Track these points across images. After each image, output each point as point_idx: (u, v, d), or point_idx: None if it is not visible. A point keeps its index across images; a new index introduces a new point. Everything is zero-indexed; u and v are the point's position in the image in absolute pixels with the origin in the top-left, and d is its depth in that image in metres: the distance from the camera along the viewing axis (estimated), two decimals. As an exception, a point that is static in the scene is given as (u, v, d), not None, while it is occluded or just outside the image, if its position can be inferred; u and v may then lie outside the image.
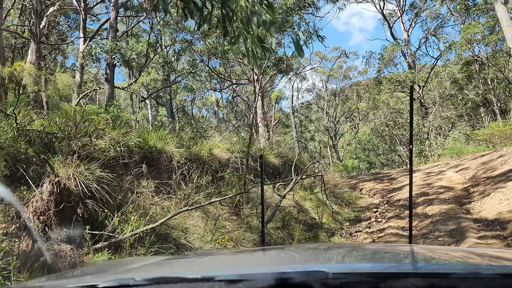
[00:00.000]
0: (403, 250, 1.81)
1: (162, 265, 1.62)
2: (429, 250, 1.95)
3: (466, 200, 9.25)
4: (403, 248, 1.94)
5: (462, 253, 1.72)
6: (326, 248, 2.06)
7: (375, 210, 10.42)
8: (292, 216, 9.09)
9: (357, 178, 17.35)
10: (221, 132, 10.68)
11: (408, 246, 2.16)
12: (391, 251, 1.75)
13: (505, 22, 12.88)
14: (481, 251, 1.80)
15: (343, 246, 2.46)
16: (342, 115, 40.55)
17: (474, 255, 1.59)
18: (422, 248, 2.14)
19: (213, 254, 2.16)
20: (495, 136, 15.93)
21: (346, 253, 1.72)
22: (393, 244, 5.55)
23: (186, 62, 26.89)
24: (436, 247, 4.33)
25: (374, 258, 1.57)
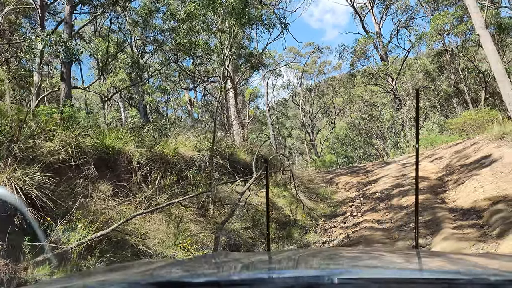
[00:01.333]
0: (409, 255, 1.80)
1: (167, 269, 1.61)
2: (435, 255, 1.92)
3: (441, 189, 9.07)
4: (409, 254, 1.90)
5: (469, 258, 1.71)
6: (331, 253, 2.06)
7: (350, 204, 10.15)
8: (264, 214, 8.72)
9: (333, 172, 17.15)
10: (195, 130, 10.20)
11: (414, 251, 2.12)
12: (397, 257, 1.74)
13: (473, 9, 12.84)
14: (486, 255, 1.87)
15: (349, 251, 2.42)
16: (318, 111, 40.49)
17: (481, 259, 1.60)
18: (428, 254, 2.13)
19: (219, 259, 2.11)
20: (467, 125, 15.96)
21: (351, 258, 1.69)
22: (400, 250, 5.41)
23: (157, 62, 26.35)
24: (442, 252, 4.33)
25: (380, 264, 1.55)
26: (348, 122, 35.63)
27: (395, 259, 1.64)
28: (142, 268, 1.67)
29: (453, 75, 26.39)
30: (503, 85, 12.22)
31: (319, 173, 17.92)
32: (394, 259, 1.66)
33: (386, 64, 26.18)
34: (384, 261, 1.61)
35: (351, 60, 27.83)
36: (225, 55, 15.32)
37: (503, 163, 8.48)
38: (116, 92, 18.03)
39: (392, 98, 26.98)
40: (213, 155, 7.72)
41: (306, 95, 38.64)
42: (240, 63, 17.04)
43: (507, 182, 7.30)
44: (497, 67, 12.25)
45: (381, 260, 1.64)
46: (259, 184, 10.11)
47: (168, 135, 8.19)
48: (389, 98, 28.81)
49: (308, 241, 7.51)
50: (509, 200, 6.46)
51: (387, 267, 1.47)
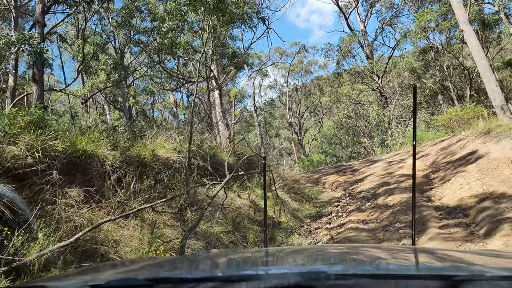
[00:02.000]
0: (406, 251, 1.82)
1: (164, 265, 1.60)
2: (432, 251, 1.96)
3: (427, 187, 8.89)
4: (406, 250, 1.94)
5: (464, 255, 1.73)
6: (328, 248, 2.10)
7: (336, 204, 9.94)
8: (247, 216, 8.46)
9: (320, 172, 16.95)
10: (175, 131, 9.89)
11: (411, 248, 2.14)
12: (394, 253, 1.75)
13: (456, 4, 12.73)
14: (482, 252, 1.87)
15: (346, 247, 2.45)
16: (306, 110, 40.35)
17: (477, 256, 1.61)
18: (424, 250, 2.16)
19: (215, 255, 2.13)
20: (453, 121, 15.89)
21: (348, 253, 1.71)
22: (397, 246, 5.60)
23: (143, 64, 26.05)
24: (439, 248, 4.40)
25: (376, 259, 1.55)
26: (335, 121, 35.54)
27: (392, 255, 1.66)
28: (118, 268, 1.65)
29: (439, 72, 26.44)
30: (488, 81, 12.13)
31: (306, 173, 17.72)
32: (391, 254, 1.68)
33: (372, 62, 26.11)
34: (381, 256, 1.62)
35: (337, 58, 27.72)
36: (207, 55, 15.03)
37: (489, 159, 8.33)
38: (95, 93, 17.57)
39: (378, 96, 26.93)
40: (190, 157, 7.42)
41: (293, 94, 38.49)
42: (224, 62, 16.73)
43: (493, 178, 7.14)
44: (481, 63, 12.15)
45: (378, 255, 1.66)
46: (242, 186, 9.85)
47: (144, 137, 7.85)
48: (375, 96, 28.77)
49: (292, 244, 7.26)
50: (496, 197, 6.29)
51: (383, 262, 1.47)
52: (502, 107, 11.85)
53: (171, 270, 1.47)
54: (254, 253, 2.04)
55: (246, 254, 1.98)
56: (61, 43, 32.07)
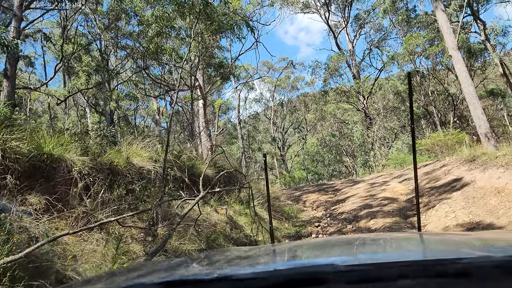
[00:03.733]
0: (413, 238, 1.81)
1: (175, 267, 1.57)
2: (438, 236, 1.93)
3: (410, 212, 8.63)
4: (413, 236, 1.91)
5: (472, 238, 1.71)
6: (337, 241, 2.08)
7: (317, 225, 9.59)
8: (223, 233, 8.04)
9: (302, 189, 16.64)
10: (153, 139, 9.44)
11: (417, 233, 2.13)
12: (401, 240, 1.75)
13: (446, 29, 12.74)
14: (490, 235, 1.84)
15: (354, 238, 2.35)
16: (290, 126, 40.24)
17: (485, 238, 1.59)
18: (430, 235, 2.08)
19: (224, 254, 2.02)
20: (436, 146, 15.84)
21: (357, 244, 1.69)
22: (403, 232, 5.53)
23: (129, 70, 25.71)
24: (444, 233, 4.30)
25: (384, 248, 1.55)
26: (319, 139, 35.48)
27: (399, 243, 1.65)
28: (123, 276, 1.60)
29: (423, 97, 26.67)
30: (474, 108, 12.09)
31: (287, 190, 17.38)
32: (398, 242, 1.67)
33: (358, 82, 26.19)
34: (388, 245, 1.61)
35: (324, 76, 27.72)
36: (192, 63, 14.69)
37: (475, 187, 8.13)
38: (71, 94, 16.99)
39: (363, 116, 26.94)
40: (167, 167, 6.98)
41: (278, 109, 38.36)
42: (210, 72, 16.40)
43: (480, 208, 6.91)
44: (468, 89, 12.13)
45: (385, 244, 1.65)
46: (220, 200, 9.43)
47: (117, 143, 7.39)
48: (360, 116, 28.81)
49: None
50: (483, 228, 6.04)
51: (391, 251, 1.47)
52: (487, 135, 11.79)
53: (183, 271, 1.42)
54: (260, 250, 2.03)
55: (254, 251, 1.95)
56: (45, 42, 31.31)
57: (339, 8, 28.73)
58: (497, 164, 8.39)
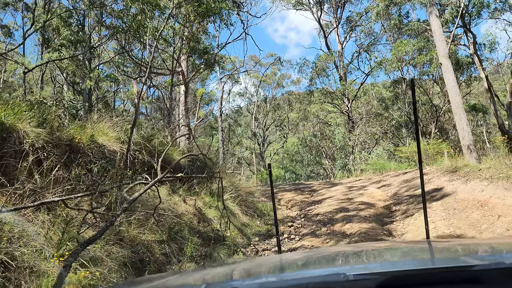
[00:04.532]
0: (421, 246, 1.78)
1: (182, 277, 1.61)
2: (447, 243, 1.91)
3: (388, 219, 8.27)
4: (420, 245, 1.90)
5: (480, 244, 1.69)
6: (345, 250, 2.02)
7: (290, 225, 9.14)
8: (189, 226, 7.50)
9: (278, 187, 16.20)
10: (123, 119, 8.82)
11: (425, 242, 1.96)
12: (411, 248, 1.74)
13: (439, 36, 12.47)
14: (499, 241, 1.86)
15: (362, 247, 2.28)
16: (272, 123, 39.83)
17: (495, 245, 1.56)
18: (439, 243, 2.03)
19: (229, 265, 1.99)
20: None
21: (365, 254, 1.68)
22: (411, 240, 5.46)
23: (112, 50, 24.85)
24: (453, 240, 4.28)
25: (393, 257, 1.53)
26: (300, 138, 35.18)
27: (407, 251, 1.64)
28: None
29: (407, 105, 26.61)
30: (459, 118, 11.86)
31: (263, 186, 16.92)
32: (406, 251, 1.66)
33: (345, 84, 25.92)
34: (397, 254, 1.60)
35: (311, 75, 27.34)
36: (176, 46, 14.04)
37: (456, 199, 7.82)
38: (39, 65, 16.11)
39: (346, 119, 26.72)
40: (131, 149, 6.40)
41: (262, 105, 37.88)
42: (193, 58, 15.75)
43: (461, 221, 6.57)
44: (455, 99, 11.89)
45: (394, 253, 1.64)
46: (190, 190, 8.88)
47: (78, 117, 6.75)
48: (343, 119, 28.61)
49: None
50: (464, 242, 5.67)
51: (400, 259, 1.46)
52: (470, 147, 11.58)
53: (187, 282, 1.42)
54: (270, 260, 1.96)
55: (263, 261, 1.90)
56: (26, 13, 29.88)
57: (331, 8, 28.42)
58: (481, 176, 8.10)
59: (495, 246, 1.55)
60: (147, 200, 7.10)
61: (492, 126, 39.28)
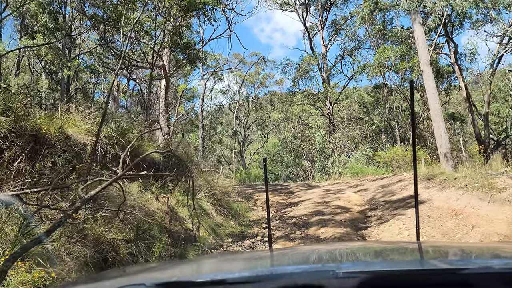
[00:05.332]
0: (412, 247, 1.76)
1: (171, 269, 1.59)
2: (437, 246, 1.94)
3: (363, 224, 8.21)
4: (411, 245, 1.87)
5: (472, 248, 1.70)
6: (335, 247, 2.05)
7: (264, 226, 9.00)
8: (160, 224, 7.27)
9: (255, 187, 16.06)
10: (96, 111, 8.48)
11: (416, 243, 1.90)
12: (401, 249, 1.73)
13: (421, 43, 12.53)
14: (491, 246, 1.93)
15: (353, 246, 2.30)
16: (253, 122, 39.68)
17: (485, 249, 1.60)
18: (429, 245, 2.10)
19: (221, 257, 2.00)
20: (395, 160, 15.72)
21: (355, 251, 1.70)
22: (402, 241, 5.47)
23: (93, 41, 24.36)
24: (445, 242, 4.22)
25: (383, 256, 1.54)
26: (281, 139, 35.12)
27: (398, 252, 1.62)
28: None
29: (387, 111, 26.85)
30: (438, 126, 11.94)
31: (240, 185, 16.75)
32: (397, 251, 1.65)
33: (327, 87, 25.96)
34: (387, 254, 1.59)
35: (294, 76, 27.31)
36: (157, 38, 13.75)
37: (431, 206, 7.81)
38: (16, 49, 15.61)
39: (327, 122, 26.78)
40: (100, 142, 6.13)
41: (244, 104, 37.69)
42: (175, 52, 15.45)
43: (435, 229, 6.54)
44: (435, 107, 11.96)
45: (384, 252, 1.63)
46: (163, 188, 8.63)
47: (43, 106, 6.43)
48: (324, 121, 28.68)
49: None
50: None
51: (390, 258, 1.46)
52: (446, 155, 11.66)
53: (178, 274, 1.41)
54: (259, 254, 1.93)
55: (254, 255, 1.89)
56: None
57: (317, 11, 28.42)
58: (456, 185, 8.11)
59: (484, 250, 1.55)
60: (116, 197, 6.84)
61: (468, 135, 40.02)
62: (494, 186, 6.77)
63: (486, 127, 21.68)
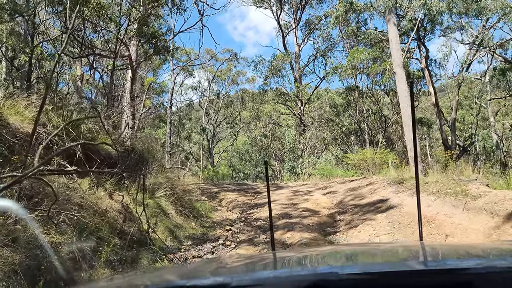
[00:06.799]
0: (414, 247, 1.76)
1: (172, 273, 1.56)
2: (440, 246, 1.96)
3: (331, 229, 7.81)
4: (414, 246, 1.88)
5: (475, 248, 1.67)
6: (338, 249, 2.04)
7: (228, 228, 8.46)
8: (111, 225, 6.61)
9: (222, 186, 15.50)
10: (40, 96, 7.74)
11: (418, 243, 1.90)
12: (403, 249, 1.72)
13: (395, 45, 12.33)
14: (493, 245, 1.89)
15: (355, 247, 2.28)
16: (223, 120, 39.02)
17: (487, 249, 1.59)
18: (432, 245, 2.07)
19: (222, 261, 1.95)
20: (364, 163, 15.52)
21: (358, 253, 1.68)
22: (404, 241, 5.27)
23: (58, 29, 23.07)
24: (447, 243, 4.13)
25: (386, 257, 1.52)
26: (250, 137, 34.66)
27: (402, 252, 1.62)
28: None
29: (358, 113, 26.85)
30: (408, 129, 11.76)
31: (206, 184, 16.15)
32: (400, 252, 1.64)
33: (299, 86, 25.66)
34: (390, 254, 1.58)
35: (266, 73, 26.86)
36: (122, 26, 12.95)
37: (402, 212, 7.50)
38: None
39: (297, 122, 26.50)
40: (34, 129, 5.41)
41: (214, 100, 36.96)
42: (142, 42, 14.64)
43: (407, 237, 6.20)
44: (406, 110, 11.78)
45: (387, 253, 1.62)
46: (119, 185, 7.94)
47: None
48: (295, 121, 28.42)
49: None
50: (409, 261, 5.25)
51: (393, 260, 1.45)
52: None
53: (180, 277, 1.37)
54: (261, 258, 1.93)
55: (255, 259, 1.89)
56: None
57: (292, 9, 28.08)
58: (427, 190, 7.84)
59: (487, 250, 1.54)
60: (63, 193, 6.14)
61: (434, 140, 40.85)
62: (468, 193, 6.51)
63: (453, 133, 21.96)
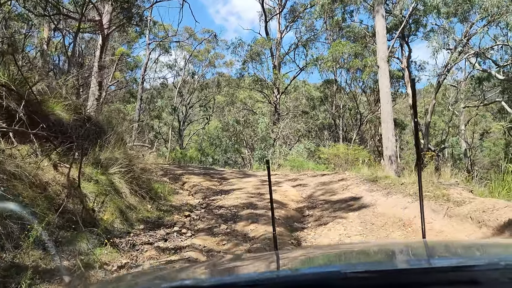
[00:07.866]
0: (419, 245, 1.73)
1: (182, 273, 1.57)
2: (443, 243, 1.91)
3: (299, 224, 7.22)
4: (418, 243, 1.88)
5: (479, 245, 1.67)
6: (342, 248, 2.04)
7: (187, 214, 7.73)
8: (53, 200, 5.77)
9: (187, 169, 14.71)
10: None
11: (422, 241, 1.91)
12: (407, 248, 1.70)
13: (381, 38, 11.83)
14: (496, 242, 2.04)
15: (359, 245, 2.31)
16: (197, 102, 37.95)
17: (491, 246, 1.58)
18: (435, 243, 2.02)
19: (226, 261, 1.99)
20: (337, 158, 15.08)
21: (362, 251, 1.67)
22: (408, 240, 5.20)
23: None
24: (451, 240, 4.13)
25: (390, 256, 1.50)
26: (223, 122, 33.85)
27: (406, 250, 1.59)
28: None
29: (334, 108, 26.50)
30: (387, 127, 11.33)
31: (170, 165, 15.33)
32: (404, 249, 1.62)
33: (277, 74, 24.99)
34: (394, 252, 1.56)
35: (244, 57, 26.02)
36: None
37: (375, 212, 6.99)
38: None
39: (272, 111, 25.90)
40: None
41: (189, 81, 35.81)
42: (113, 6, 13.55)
43: (380, 239, 5.66)
44: (386, 106, 11.34)
45: (390, 251, 1.60)
46: (67, 155, 7.04)
47: None
48: (270, 109, 27.81)
49: (92, 261, 4.77)
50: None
51: (397, 258, 1.43)
52: (391, 158, 11.11)
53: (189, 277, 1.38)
54: (265, 258, 1.89)
55: (260, 258, 1.88)
56: None
57: (277, -5, 27.25)
58: (404, 191, 7.37)
59: (491, 247, 1.52)
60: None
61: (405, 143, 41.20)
62: (450, 198, 6.04)
63: (426, 136, 21.90)
